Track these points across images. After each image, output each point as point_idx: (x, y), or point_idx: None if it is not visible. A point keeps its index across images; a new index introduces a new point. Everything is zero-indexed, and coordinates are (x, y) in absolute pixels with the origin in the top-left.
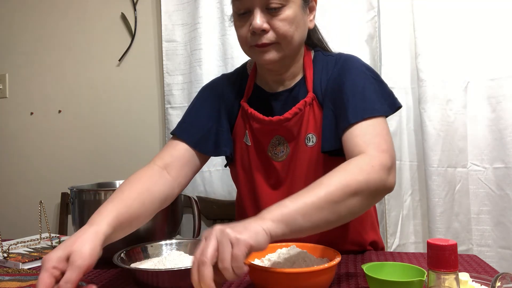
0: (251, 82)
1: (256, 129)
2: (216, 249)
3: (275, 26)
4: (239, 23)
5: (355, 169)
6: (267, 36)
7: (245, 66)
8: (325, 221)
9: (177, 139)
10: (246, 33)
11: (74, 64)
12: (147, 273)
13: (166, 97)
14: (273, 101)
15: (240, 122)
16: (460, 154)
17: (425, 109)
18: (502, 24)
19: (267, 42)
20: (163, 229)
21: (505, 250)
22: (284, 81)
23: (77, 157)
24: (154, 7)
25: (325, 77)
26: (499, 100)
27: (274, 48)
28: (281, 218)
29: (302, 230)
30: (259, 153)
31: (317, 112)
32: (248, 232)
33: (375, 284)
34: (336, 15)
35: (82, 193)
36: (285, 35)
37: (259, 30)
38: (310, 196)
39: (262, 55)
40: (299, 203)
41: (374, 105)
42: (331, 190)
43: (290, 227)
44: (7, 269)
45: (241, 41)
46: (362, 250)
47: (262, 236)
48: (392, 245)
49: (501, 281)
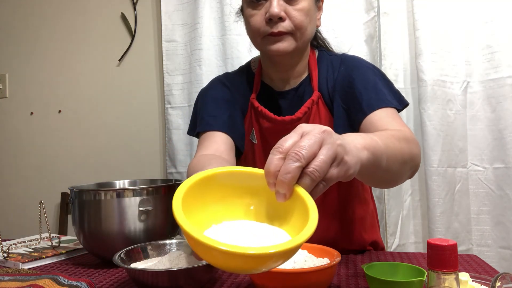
0: (258, 79)
1: (266, 128)
2: (315, 150)
3: (292, 15)
4: (252, 12)
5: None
6: (283, 25)
7: (249, 64)
8: (393, 172)
9: (206, 133)
10: (260, 22)
11: (74, 64)
12: (147, 273)
13: (166, 97)
14: (280, 99)
15: (247, 119)
16: (460, 154)
17: (425, 109)
18: (502, 24)
19: (283, 30)
20: (163, 229)
21: (505, 250)
22: (290, 79)
23: (77, 157)
24: (154, 7)
25: (331, 76)
26: (499, 100)
27: (288, 38)
28: (373, 154)
29: (376, 172)
30: (266, 152)
31: (323, 111)
32: (352, 157)
33: (375, 284)
34: (336, 15)
35: (82, 193)
36: (300, 25)
37: (277, 18)
38: (390, 142)
39: (276, 44)
40: (386, 144)
41: (386, 97)
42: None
43: (375, 166)
44: (7, 269)
45: (253, 30)
46: (362, 250)
47: (355, 169)
48: (392, 245)
49: (501, 281)
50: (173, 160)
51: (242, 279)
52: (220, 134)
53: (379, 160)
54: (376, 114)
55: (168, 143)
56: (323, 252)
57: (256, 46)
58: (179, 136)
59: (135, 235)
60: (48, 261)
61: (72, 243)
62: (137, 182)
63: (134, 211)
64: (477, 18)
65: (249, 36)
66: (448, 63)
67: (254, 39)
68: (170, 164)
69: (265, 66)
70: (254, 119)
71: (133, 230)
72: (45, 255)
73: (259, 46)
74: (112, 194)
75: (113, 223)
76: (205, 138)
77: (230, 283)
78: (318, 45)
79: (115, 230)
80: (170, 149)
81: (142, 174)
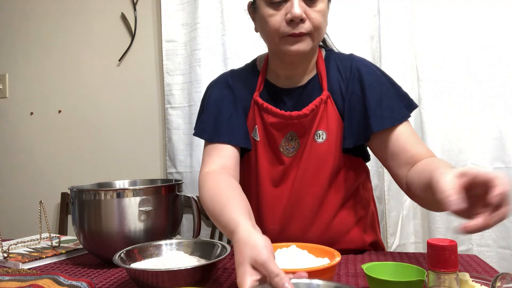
0: (263, 78)
1: (271, 123)
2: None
3: (311, 17)
4: (272, 12)
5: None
6: (304, 26)
7: (254, 62)
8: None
9: (212, 143)
10: (280, 22)
11: (74, 64)
12: (147, 273)
13: (166, 97)
14: (285, 96)
15: (250, 117)
16: (460, 154)
17: (425, 109)
18: (502, 24)
19: (304, 31)
20: (163, 229)
21: (505, 250)
22: (297, 77)
23: (77, 157)
24: (154, 7)
25: (344, 77)
26: (499, 100)
27: (307, 39)
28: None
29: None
30: (269, 148)
31: (331, 111)
32: None
33: (375, 284)
34: (336, 15)
35: (82, 193)
36: (319, 27)
37: (299, 19)
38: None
39: (296, 45)
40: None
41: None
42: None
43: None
44: (7, 269)
45: (272, 30)
46: (362, 250)
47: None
48: (392, 245)
49: (501, 281)
50: (173, 160)
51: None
52: (226, 148)
53: None
54: (396, 131)
55: (168, 143)
56: (323, 252)
57: (272, 45)
58: (179, 136)
59: (135, 235)
60: (48, 261)
61: (72, 243)
62: (137, 182)
63: (134, 211)
64: (477, 18)
65: (265, 35)
66: (448, 63)
67: (272, 38)
68: (170, 164)
69: (273, 64)
70: (257, 116)
71: (133, 230)
72: (45, 255)
73: (276, 45)
74: (112, 194)
75: (113, 223)
76: (212, 151)
77: (230, 283)
78: (323, 44)
79: (115, 230)
80: (170, 149)
81: (142, 174)
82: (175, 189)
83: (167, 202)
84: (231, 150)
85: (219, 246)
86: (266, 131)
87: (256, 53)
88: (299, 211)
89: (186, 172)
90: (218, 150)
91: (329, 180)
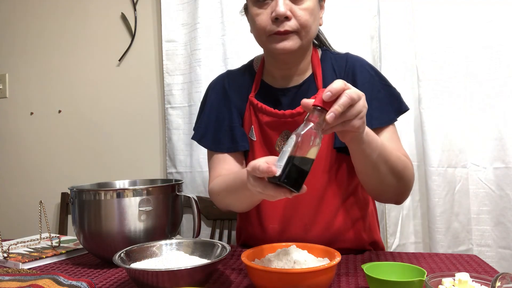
0: (259, 78)
1: (266, 122)
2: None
3: (297, 14)
4: (259, 11)
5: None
6: (289, 24)
7: (251, 63)
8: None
9: (215, 153)
10: (266, 20)
11: (74, 64)
12: (147, 273)
13: (166, 97)
14: (281, 96)
15: (247, 117)
16: (460, 154)
17: (425, 109)
18: (502, 24)
19: (289, 29)
20: (163, 229)
21: (505, 250)
22: (292, 77)
23: (77, 157)
24: (154, 7)
25: (338, 76)
26: (499, 100)
27: (294, 37)
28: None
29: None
30: (265, 148)
31: None
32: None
33: (375, 284)
34: (336, 15)
35: (82, 193)
36: (305, 24)
37: (283, 17)
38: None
39: (281, 43)
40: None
41: (389, 115)
42: (394, 159)
43: (370, 149)
44: (7, 269)
45: (259, 29)
46: (362, 250)
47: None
48: (392, 245)
49: (501, 281)
50: (173, 160)
51: (242, 279)
52: (228, 157)
53: (372, 148)
54: (379, 134)
55: (168, 143)
56: (323, 252)
57: (261, 45)
58: (179, 136)
59: (135, 235)
60: (48, 261)
61: (72, 243)
62: (137, 182)
63: (134, 211)
64: (477, 18)
65: (254, 35)
66: (448, 63)
67: (260, 37)
68: (170, 164)
69: (268, 64)
70: (253, 116)
71: (133, 230)
72: (45, 255)
73: (264, 44)
74: (112, 194)
75: (113, 223)
76: (216, 164)
77: (230, 283)
78: (320, 44)
79: (115, 230)
80: (170, 149)
81: (142, 174)
82: (175, 189)
83: (167, 202)
84: (234, 157)
85: (219, 246)
86: (262, 131)
87: (256, 53)
88: (299, 210)
89: (186, 172)
90: (220, 161)
91: (326, 178)
